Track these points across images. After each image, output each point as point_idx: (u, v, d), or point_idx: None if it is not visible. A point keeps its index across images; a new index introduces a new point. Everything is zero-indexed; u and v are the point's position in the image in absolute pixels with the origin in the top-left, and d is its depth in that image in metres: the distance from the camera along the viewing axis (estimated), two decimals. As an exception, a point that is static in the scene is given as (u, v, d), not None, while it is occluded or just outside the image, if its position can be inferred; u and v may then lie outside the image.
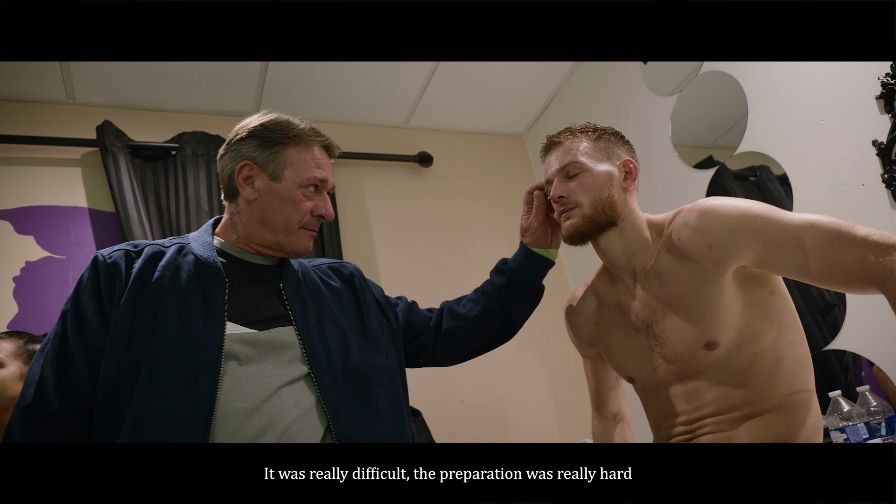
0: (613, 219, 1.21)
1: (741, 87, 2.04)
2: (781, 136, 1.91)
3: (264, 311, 1.09)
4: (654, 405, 1.23)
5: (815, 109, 1.81)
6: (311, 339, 1.07)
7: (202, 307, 1.02)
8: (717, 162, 2.14)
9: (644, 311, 1.20)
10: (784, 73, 1.89)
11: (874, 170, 1.64)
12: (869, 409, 1.49)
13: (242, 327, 1.04)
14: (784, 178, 1.89)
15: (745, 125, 2.03)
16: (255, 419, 0.95)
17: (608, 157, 1.25)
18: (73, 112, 2.37)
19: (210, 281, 1.06)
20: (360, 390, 1.07)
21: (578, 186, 1.22)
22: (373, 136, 2.88)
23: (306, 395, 1.02)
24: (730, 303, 1.10)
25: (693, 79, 2.22)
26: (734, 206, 1.09)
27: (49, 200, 2.23)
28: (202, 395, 0.94)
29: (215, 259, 1.09)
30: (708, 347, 1.11)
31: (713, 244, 1.09)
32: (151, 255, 1.08)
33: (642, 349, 1.20)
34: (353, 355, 1.11)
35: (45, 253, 2.16)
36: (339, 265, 1.31)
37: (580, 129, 1.29)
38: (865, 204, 1.67)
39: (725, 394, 1.11)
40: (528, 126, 3.16)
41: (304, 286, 1.17)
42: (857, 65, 1.69)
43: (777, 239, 1.04)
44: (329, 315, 1.15)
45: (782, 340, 1.11)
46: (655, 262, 1.18)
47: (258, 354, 1.02)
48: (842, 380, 1.74)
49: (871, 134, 1.65)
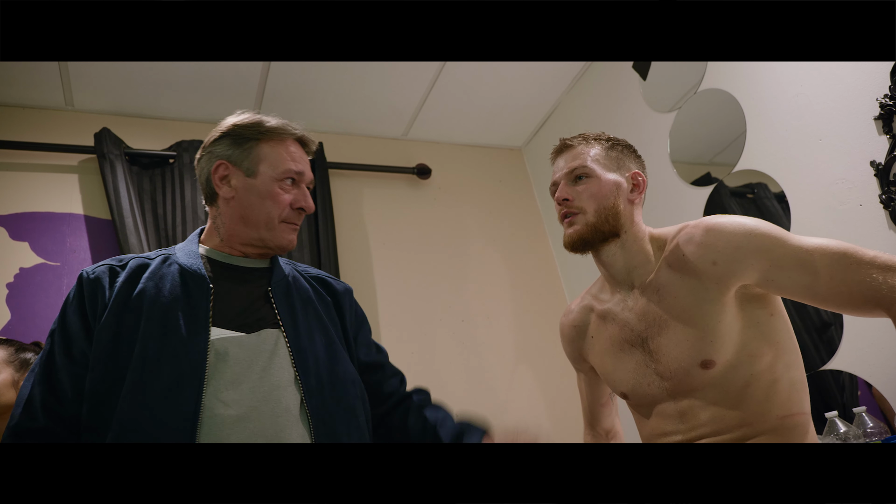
0: (617, 229, 1.20)
1: (740, 105, 2.04)
2: (780, 154, 1.91)
3: (251, 313, 1.07)
4: (646, 423, 1.22)
5: (813, 129, 1.81)
6: (298, 341, 1.06)
7: (186, 315, 1.01)
8: (715, 179, 2.14)
9: (640, 326, 1.18)
10: (783, 92, 1.90)
11: (872, 190, 1.65)
12: (865, 430, 1.48)
13: (228, 331, 1.02)
14: (782, 195, 1.89)
15: (743, 143, 2.03)
16: (241, 426, 0.94)
17: (618, 168, 1.25)
18: (71, 118, 2.37)
19: (194, 288, 1.05)
20: (343, 397, 1.07)
21: (584, 192, 1.21)
22: (371, 147, 2.88)
23: (294, 400, 1.00)
24: (729, 322, 1.09)
25: (692, 96, 2.23)
26: (741, 223, 1.08)
27: (45, 207, 2.21)
28: (186, 403, 0.92)
29: (199, 266, 1.09)
30: (704, 366, 1.09)
31: (718, 261, 1.08)
32: (136, 268, 1.08)
33: (636, 365, 1.19)
34: (339, 362, 1.10)
35: (40, 260, 2.14)
36: (332, 279, 1.30)
37: (594, 136, 1.29)
38: (863, 224, 1.67)
39: (720, 414, 1.09)
40: (527, 140, 3.17)
41: (294, 290, 1.15)
42: (856, 85, 1.69)
43: (784, 259, 1.04)
44: (317, 321, 1.14)
45: (779, 363, 1.10)
46: (655, 277, 1.17)
47: (245, 358, 1.00)
48: (838, 400, 1.73)
49: (869, 154, 1.66)
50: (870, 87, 1.66)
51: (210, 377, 0.96)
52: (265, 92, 2.49)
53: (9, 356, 1.56)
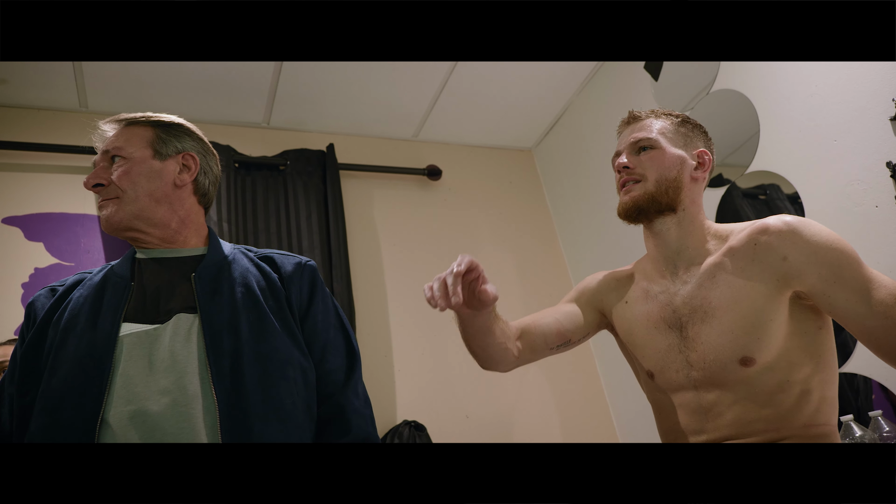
0: (675, 204, 1.17)
1: (753, 106, 2.03)
2: (794, 155, 1.90)
3: (168, 303, 1.04)
4: (668, 414, 1.17)
5: (827, 130, 1.79)
6: (213, 323, 1.01)
7: (98, 316, 1.01)
8: (727, 180, 2.12)
9: (684, 309, 1.14)
10: (797, 93, 1.89)
11: (888, 191, 1.63)
12: (881, 434, 1.46)
13: (139, 325, 1.01)
14: (795, 197, 1.88)
15: (756, 144, 2.02)
16: (144, 419, 0.92)
17: (685, 144, 1.22)
18: (85, 120, 2.39)
19: (111, 288, 1.05)
20: (264, 377, 1.00)
21: (648, 161, 1.18)
22: (382, 148, 2.88)
23: (205, 385, 0.97)
24: (779, 323, 1.06)
25: (705, 96, 2.21)
26: (825, 231, 1.06)
27: (59, 207, 2.24)
28: (87, 406, 0.91)
29: (125, 266, 1.09)
30: (743, 363, 1.06)
31: (790, 257, 1.05)
32: (71, 284, 1.09)
33: (668, 347, 1.15)
34: (266, 340, 1.03)
35: (55, 260, 2.16)
36: (280, 255, 1.22)
37: (665, 111, 1.26)
38: (879, 225, 1.65)
39: (745, 415, 1.06)
40: (538, 141, 3.16)
41: (227, 272, 1.11)
42: (871, 85, 1.68)
43: (850, 280, 1.02)
44: (249, 299, 1.08)
45: (815, 377, 1.07)
46: (714, 262, 1.13)
47: (154, 349, 0.98)
48: (853, 404, 1.71)
49: (884, 155, 1.64)
50: (885, 88, 1.64)
51: (115, 374, 0.95)
52: (277, 93, 2.51)
53: None
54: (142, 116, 1.17)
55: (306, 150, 2.63)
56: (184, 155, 1.17)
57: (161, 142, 1.15)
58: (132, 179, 1.10)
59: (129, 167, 1.10)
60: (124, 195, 1.09)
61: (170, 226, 1.12)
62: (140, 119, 1.16)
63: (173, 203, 1.13)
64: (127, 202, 1.09)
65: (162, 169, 1.13)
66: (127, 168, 1.10)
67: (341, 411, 1.08)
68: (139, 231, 1.11)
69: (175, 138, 1.17)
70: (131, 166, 1.10)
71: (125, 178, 1.09)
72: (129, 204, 1.09)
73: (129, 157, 1.11)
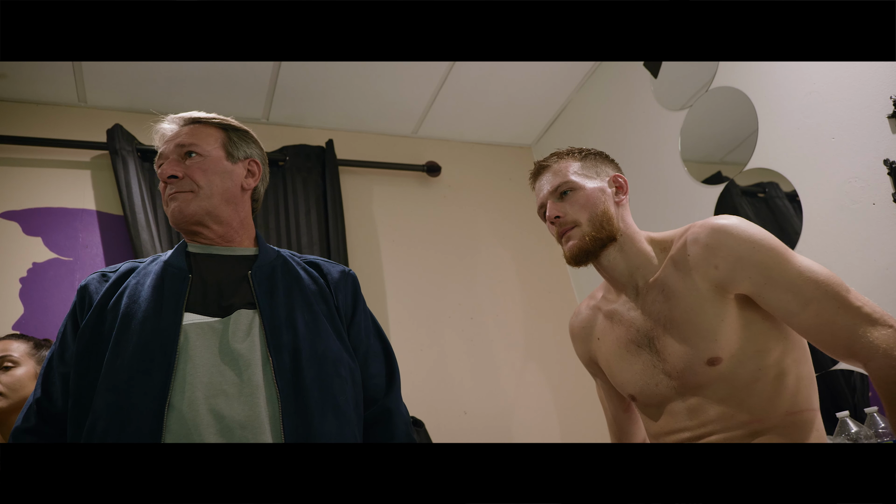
0: (613, 233, 1.22)
1: (751, 103, 2.03)
2: (792, 153, 1.90)
3: (228, 298, 1.08)
4: (655, 421, 1.22)
5: (826, 127, 1.80)
6: (273, 320, 1.05)
7: (160, 303, 1.03)
8: (726, 178, 2.13)
9: (646, 326, 1.19)
10: (795, 91, 1.89)
11: (885, 189, 1.63)
12: (877, 430, 1.47)
13: (202, 316, 1.04)
14: (793, 194, 1.88)
15: (755, 141, 2.02)
16: (204, 410, 0.94)
17: (597, 175, 1.27)
18: (84, 115, 2.39)
19: (171, 278, 1.07)
20: (321, 376, 1.04)
21: (574, 205, 1.23)
22: (381, 144, 2.88)
23: (268, 377, 1.00)
24: (732, 321, 1.10)
25: (703, 94, 2.22)
26: (747, 233, 1.09)
27: (58, 202, 2.24)
28: (154, 389, 0.94)
29: (180, 258, 1.12)
30: (710, 363, 1.10)
31: (720, 266, 1.10)
32: (125, 272, 1.12)
33: (644, 365, 1.20)
34: (321, 339, 1.08)
35: (53, 254, 2.16)
36: (326, 262, 1.27)
37: (566, 151, 1.31)
38: (876, 223, 1.65)
39: (729, 411, 1.10)
40: (537, 138, 3.16)
41: (280, 272, 1.15)
42: (870, 83, 1.68)
43: (779, 280, 1.05)
44: (302, 299, 1.12)
45: (787, 358, 1.10)
46: (660, 276, 1.18)
47: (218, 340, 1.01)
48: (849, 400, 1.72)
49: (882, 153, 1.64)
50: (883, 85, 1.64)
51: (180, 361, 0.98)
52: (276, 89, 2.51)
53: (30, 349, 1.65)
54: (213, 117, 1.20)
55: (305, 146, 2.63)
56: (250, 161, 1.22)
57: (233, 144, 1.19)
58: (208, 177, 1.14)
59: (206, 164, 1.14)
60: (200, 190, 1.13)
61: (232, 225, 1.17)
62: (212, 120, 1.20)
63: (238, 204, 1.18)
64: (202, 197, 1.13)
65: (233, 171, 1.18)
66: (204, 165, 1.14)
67: (389, 415, 1.16)
68: (205, 227, 1.14)
69: (244, 143, 1.21)
70: (208, 164, 1.14)
71: (202, 174, 1.13)
72: (203, 199, 1.13)
73: (206, 155, 1.15)
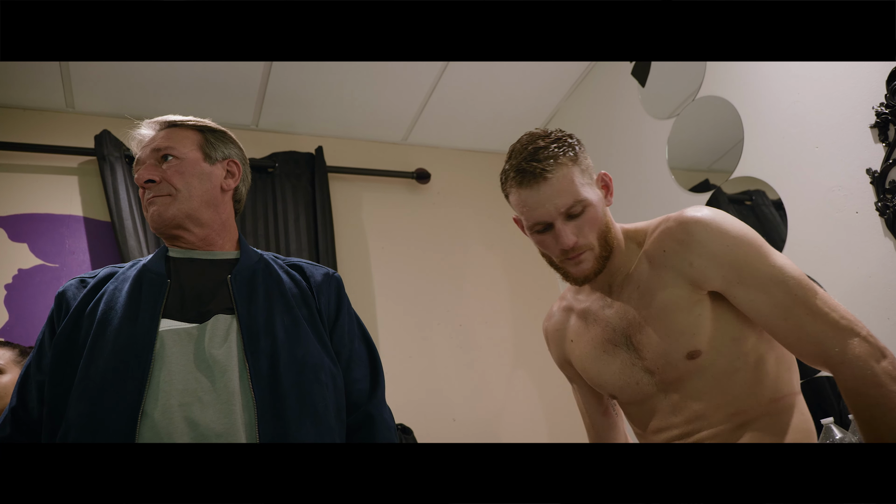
0: (614, 247, 1.15)
1: (737, 113, 2.06)
2: (777, 162, 1.92)
3: (206, 303, 1.06)
4: (639, 419, 1.20)
5: (810, 137, 1.82)
6: (252, 325, 1.03)
7: (137, 310, 1.02)
8: (713, 185, 2.15)
9: (622, 324, 1.16)
10: (781, 100, 1.91)
11: (868, 198, 1.66)
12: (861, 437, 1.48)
13: (179, 322, 1.02)
14: (779, 203, 1.90)
15: (741, 150, 2.04)
16: (178, 418, 0.93)
17: (591, 178, 1.14)
18: (71, 120, 2.38)
19: (148, 284, 1.06)
20: (299, 381, 1.02)
21: (584, 226, 1.10)
22: (371, 151, 2.89)
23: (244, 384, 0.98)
24: (708, 313, 1.08)
25: (690, 103, 2.24)
26: (722, 228, 1.06)
27: (44, 208, 2.22)
28: (128, 397, 0.92)
29: (160, 263, 1.10)
30: (691, 357, 1.08)
31: (695, 263, 1.07)
32: (104, 277, 1.10)
33: (622, 364, 1.16)
34: (300, 344, 1.06)
35: (39, 261, 2.15)
36: (309, 264, 1.25)
37: (561, 152, 1.10)
38: (859, 231, 1.68)
39: (712, 403, 1.08)
40: (526, 145, 3.18)
41: (261, 276, 1.13)
42: (853, 93, 1.71)
43: (750, 280, 1.03)
44: (283, 304, 1.10)
45: (762, 343, 1.09)
46: (635, 272, 1.15)
47: (194, 348, 1.00)
48: (835, 407, 1.74)
49: (865, 162, 1.67)
50: (866, 96, 1.67)
51: (155, 368, 0.96)
52: (266, 96, 2.50)
53: (15, 357, 1.64)
54: (188, 120, 1.19)
55: (295, 153, 2.63)
56: (229, 161, 1.20)
57: (210, 146, 1.17)
58: (186, 179, 1.12)
59: (183, 167, 1.12)
60: (178, 193, 1.11)
61: (213, 227, 1.15)
62: (187, 122, 1.18)
63: (218, 206, 1.16)
64: (181, 200, 1.11)
65: (211, 172, 1.16)
66: (181, 167, 1.12)
67: (371, 421, 1.13)
68: (186, 230, 1.12)
69: (222, 144, 1.19)
70: (185, 166, 1.12)
71: (179, 177, 1.11)
72: (182, 202, 1.11)
73: (183, 157, 1.13)
